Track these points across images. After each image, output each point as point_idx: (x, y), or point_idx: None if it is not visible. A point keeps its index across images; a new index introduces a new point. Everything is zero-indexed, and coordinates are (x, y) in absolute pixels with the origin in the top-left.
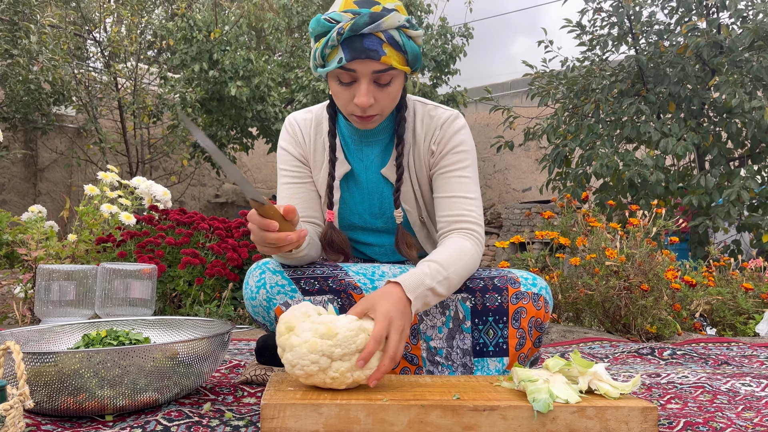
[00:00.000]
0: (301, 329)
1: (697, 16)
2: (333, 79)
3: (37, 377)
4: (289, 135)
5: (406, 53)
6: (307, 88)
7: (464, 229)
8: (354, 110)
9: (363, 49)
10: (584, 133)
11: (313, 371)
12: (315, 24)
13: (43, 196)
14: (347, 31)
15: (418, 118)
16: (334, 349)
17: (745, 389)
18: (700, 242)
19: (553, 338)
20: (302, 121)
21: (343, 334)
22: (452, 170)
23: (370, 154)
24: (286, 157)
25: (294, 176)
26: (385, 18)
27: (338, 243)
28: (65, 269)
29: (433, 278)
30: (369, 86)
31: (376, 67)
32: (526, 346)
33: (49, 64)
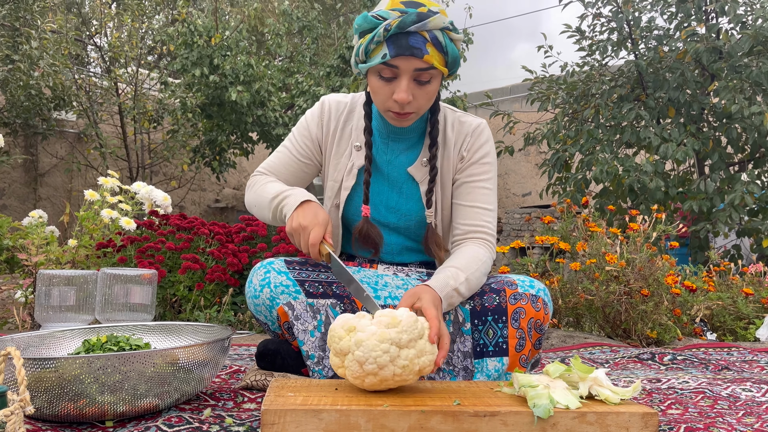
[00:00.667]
0: (364, 325)
1: (696, 22)
2: (374, 74)
3: (38, 383)
4: (317, 114)
5: (446, 54)
6: (307, 93)
7: (479, 238)
8: (392, 106)
9: (408, 46)
10: (584, 138)
11: (384, 362)
12: (361, 20)
13: (43, 201)
14: (394, 27)
15: (449, 123)
16: (401, 336)
17: (746, 394)
18: (700, 247)
19: (553, 343)
20: (336, 104)
21: (406, 320)
22: (477, 180)
23: (395, 149)
24: (303, 131)
25: (298, 151)
26: (431, 18)
27: (373, 237)
28: (65, 274)
29: (456, 280)
30: (409, 83)
31: (418, 64)
32: (526, 347)
33: (49, 70)
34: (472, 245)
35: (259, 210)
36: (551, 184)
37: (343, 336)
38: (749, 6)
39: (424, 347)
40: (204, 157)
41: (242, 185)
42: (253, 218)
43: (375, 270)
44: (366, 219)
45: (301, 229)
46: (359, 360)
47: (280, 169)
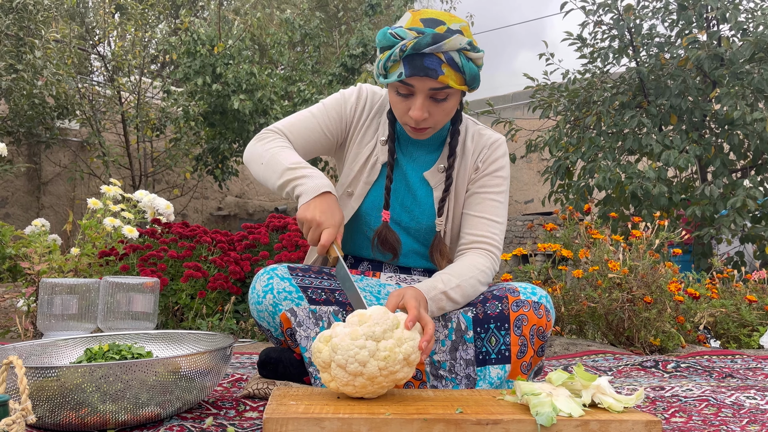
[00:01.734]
0: (337, 331)
1: (697, 29)
2: (392, 89)
3: (40, 392)
4: (355, 96)
5: (464, 74)
6: (309, 102)
7: (482, 249)
8: (408, 121)
9: (422, 67)
10: (586, 146)
11: (365, 357)
12: (381, 37)
13: (46, 210)
14: (409, 49)
15: (470, 134)
16: (374, 329)
17: (750, 402)
18: (703, 254)
19: (556, 351)
20: (373, 94)
21: (375, 314)
22: (489, 192)
23: (415, 153)
24: (336, 106)
25: (323, 120)
26: (446, 40)
27: (391, 242)
28: (68, 283)
29: (446, 284)
30: (424, 101)
31: (433, 85)
32: (528, 354)
33: (53, 79)
34: (473, 254)
35: (264, 170)
36: (553, 191)
37: (322, 348)
38: (750, 13)
39: (402, 335)
40: (206, 165)
41: (244, 193)
42: (255, 226)
43: (377, 279)
44: (386, 224)
45: (315, 224)
46: (341, 364)
47: (299, 131)
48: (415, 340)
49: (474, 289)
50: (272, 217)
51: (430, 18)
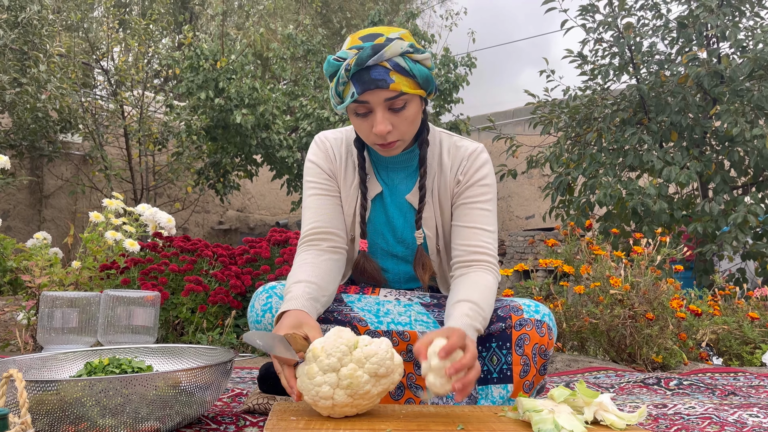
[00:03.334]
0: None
1: (697, 47)
2: (351, 113)
3: (39, 405)
4: (319, 150)
5: (415, 77)
6: (311, 116)
7: (483, 262)
8: (375, 139)
9: (371, 80)
10: (587, 162)
11: (327, 392)
12: (327, 65)
13: (47, 223)
14: (353, 66)
15: (445, 148)
16: (328, 360)
17: (753, 420)
18: (705, 270)
19: (557, 367)
20: (333, 140)
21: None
22: (474, 202)
23: (395, 179)
24: (315, 170)
25: (322, 188)
26: (386, 48)
27: (370, 271)
28: (68, 296)
29: (475, 319)
30: (384, 114)
31: (386, 95)
32: (530, 373)
33: (57, 93)
34: (482, 273)
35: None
36: (554, 207)
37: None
38: (749, 31)
39: (362, 355)
40: (208, 179)
41: (246, 207)
42: (256, 240)
43: (376, 296)
44: (363, 253)
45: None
46: (311, 403)
47: (319, 214)
48: (378, 354)
49: (490, 315)
50: (273, 231)
51: (368, 34)
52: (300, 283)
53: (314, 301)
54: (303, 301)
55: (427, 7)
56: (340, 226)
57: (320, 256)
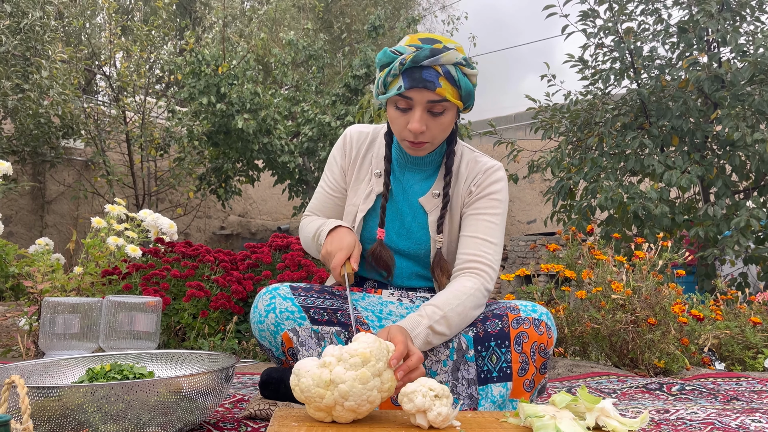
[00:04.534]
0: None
1: (697, 51)
2: (391, 105)
3: (41, 412)
4: (341, 145)
5: (460, 88)
6: (312, 122)
7: (474, 268)
8: (407, 136)
9: (421, 79)
10: (588, 166)
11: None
12: (382, 55)
13: (49, 228)
14: (408, 62)
15: (464, 160)
16: (378, 365)
17: (755, 425)
18: (707, 275)
19: (559, 373)
20: (357, 134)
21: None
22: (483, 213)
23: (410, 180)
24: (332, 166)
25: (331, 187)
26: (443, 54)
27: (385, 259)
28: (70, 302)
29: (430, 319)
30: (423, 114)
31: (430, 96)
32: (529, 371)
33: (59, 99)
34: (462, 278)
35: (310, 251)
36: (556, 211)
37: (324, 393)
38: (750, 35)
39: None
40: (210, 185)
41: (247, 212)
42: (257, 245)
43: (379, 296)
44: (380, 242)
45: (328, 256)
46: (352, 408)
47: (320, 207)
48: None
49: (463, 317)
50: (275, 237)
51: (428, 37)
52: (326, 222)
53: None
54: (347, 225)
55: (429, 13)
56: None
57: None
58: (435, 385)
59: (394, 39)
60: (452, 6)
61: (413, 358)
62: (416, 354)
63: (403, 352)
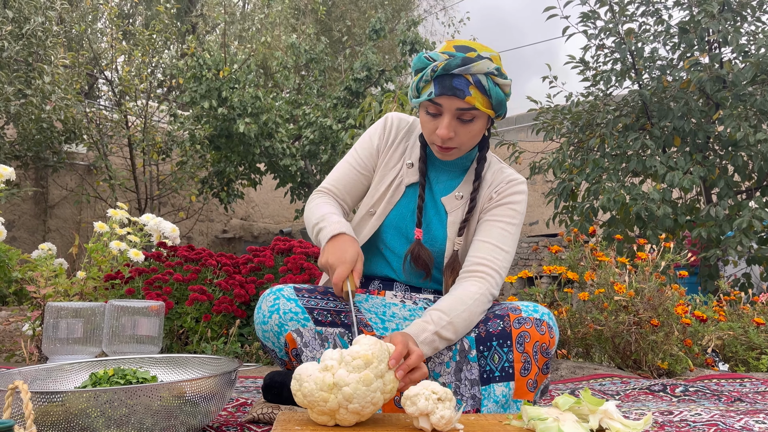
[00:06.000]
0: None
1: (699, 52)
2: (423, 109)
3: (45, 417)
4: (381, 127)
5: (490, 97)
6: (314, 125)
7: (479, 272)
8: (435, 140)
9: (451, 87)
10: (590, 167)
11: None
12: (417, 60)
13: (52, 233)
14: (440, 69)
15: (491, 169)
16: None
17: (759, 426)
18: (710, 276)
19: (563, 375)
20: (399, 120)
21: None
22: (499, 220)
23: (436, 178)
24: (366, 143)
25: (358, 163)
26: (475, 63)
27: (424, 259)
28: (73, 306)
29: (436, 324)
30: (451, 121)
31: (460, 104)
32: (532, 371)
33: (61, 104)
34: (467, 282)
35: (309, 229)
36: (558, 213)
37: (328, 397)
38: (751, 35)
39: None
40: (212, 188)
41: (249, 216)
42: (260, 249)
43: (383, 297)
44: (418, 241)
45: (328, 267)
46: (356, 410)
47: (341, 181)
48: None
49: (469, 323)
50: (277, 240)
51: (463, 45)
52: (335, 215)
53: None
54: (349, 228)
55: (429, 14)
56: (349, 200)
57: (339, 207)
58: (438, 388)
59: (394, 42)
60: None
61: (413, 356)
62: (415, 352)
63: (402, 351)
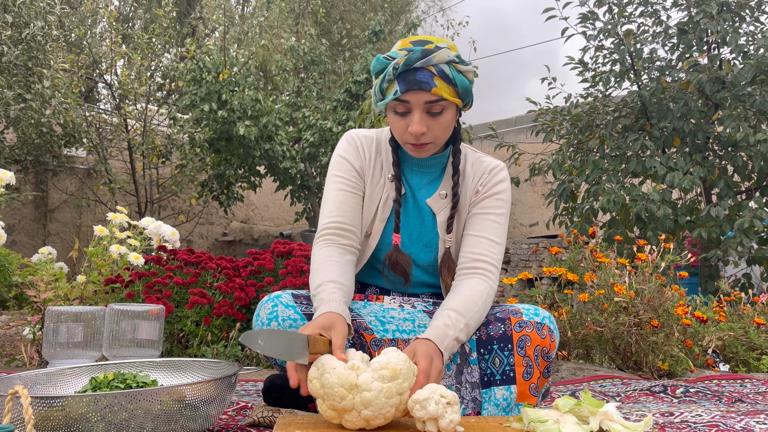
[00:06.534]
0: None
1: (698, 52)
2: (390, 110)
3: (45, 422)
4: (350, 146)
5: (456, 86)
6: (314, 127)
7: (480, 269)
8: (408, 138)
9: (415, 81)
10: (590, 169)
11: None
12: (375, 62)
13: (52, 237)
14: (401, 65)
15: (469, 161)
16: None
17: (760, 427)
18: (710, 276)
19: (563, 376)
20: (363, 137)
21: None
22: (488, 213)
23: (418, 183)
24: (344, 165)
25: (348, 184)
26: (435, 54)
27: (402, 264)
28: (73, 311)
29: (456, 328)
30: (422, 115)
31: (427, 97)
32: (534, 375)
33: (61, 108)
34: (473, 281)
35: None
36: (558, 214)
37: (346, 395)
38: (750, 36)
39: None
40: (212, 191)
41: (249, 218)
42: (260, 252)
43: (381, 303)
44: (396, 247)
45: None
46: (368, 417)
47: (342, 209)
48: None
49: (478, 323)
50: (277, 243)
51: (419, 39)
52: (333, 282)
53: (347, 305)
54: (341, 304)
55: (428, 16)
56: (358, 225)
57: (343, 255)
58: (446, 392)
59: (393, 44)
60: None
61: (436, 376)
62: (438, 371)
63: (421, 384)
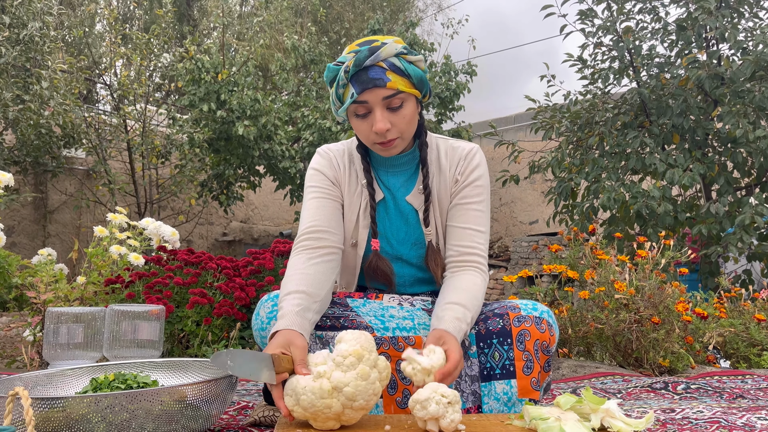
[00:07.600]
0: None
1: (697, 49)
2: (351, 115)
3: (46, 423)
4: (323, 159)
5: (410, 76)
6: (313, 127)
7: (473, 262)
8: (375, 138)
9: (369, 80)
10: (589, 166)
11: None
12: (327, 72)
13: (52, 238)
14: (352, 67)
15: (442, 151)
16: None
17: (761, 423)
18: (710, 273)
19: (564, 373)
20: (335, 150)
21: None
22: (470, 203)
23: (395, 183)
24: (317, 177)
25: (323, 192)
26: (382, 49)
27: (383, 269)
28: (73, 312)
29: (465, 321)
30: (383, 112)
31: (384, 93)
32: (534, 369)
33: (60, 108)
34: (469, 275)
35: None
36: (558, 212)
37: (330, 403)
38: (749, 32)
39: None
40: (211, 191)
41: (249, 218)
42: (260, 252)
43: (380, 301)
44: (376, 252)
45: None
46: (360, 406)
47: (318, 215)
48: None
49: (476, 317)
50: (277, 242)
51: (364, 40)
52: (289, 295)
53: (304, 313)
54: (293, 317)
55: (427, 15)
56: (336, 227)
57: (311, 259)
58: (447, 391)
59: None
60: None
61: (459, 370)
62: (461, 365)
63: (454, 374)
